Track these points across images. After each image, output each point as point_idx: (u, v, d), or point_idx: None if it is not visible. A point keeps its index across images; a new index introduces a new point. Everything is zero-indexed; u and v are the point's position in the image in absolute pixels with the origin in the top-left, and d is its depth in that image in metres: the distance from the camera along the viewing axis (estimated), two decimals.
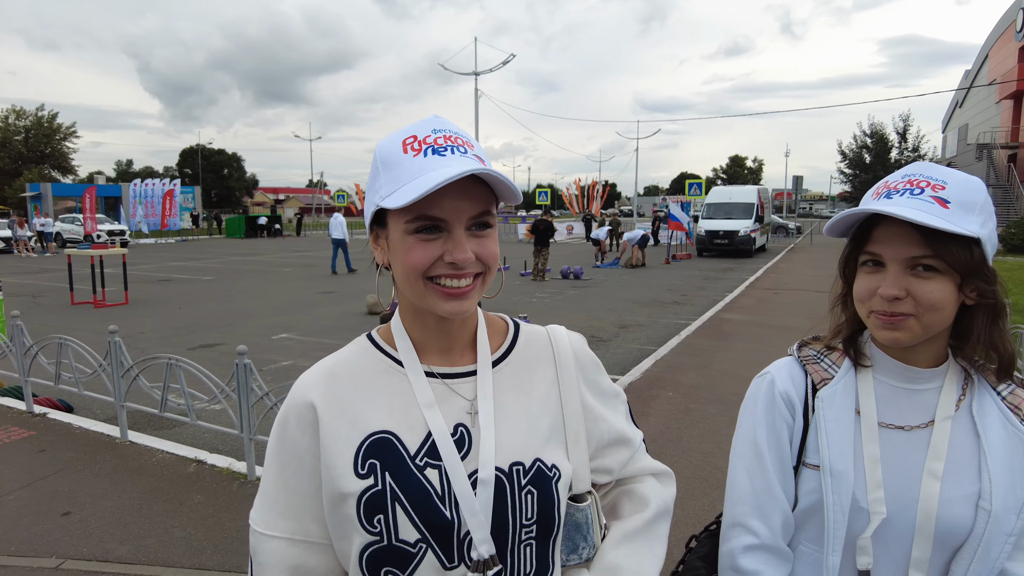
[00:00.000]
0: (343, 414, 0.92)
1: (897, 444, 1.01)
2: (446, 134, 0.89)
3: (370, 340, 1.00)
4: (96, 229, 26.95)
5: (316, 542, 0.93)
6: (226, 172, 75.95)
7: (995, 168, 40.35)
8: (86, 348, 5.15)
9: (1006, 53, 41.99)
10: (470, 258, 0.87)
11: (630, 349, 8.33)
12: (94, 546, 3.39)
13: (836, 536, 1.02)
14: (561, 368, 1.02)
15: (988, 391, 1.02)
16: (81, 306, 11.84)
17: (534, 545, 0.93)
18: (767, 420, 1.11)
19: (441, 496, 0.88)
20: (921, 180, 0.97)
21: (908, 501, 0.98)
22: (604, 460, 1.05)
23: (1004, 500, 0.95)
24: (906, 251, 0.96)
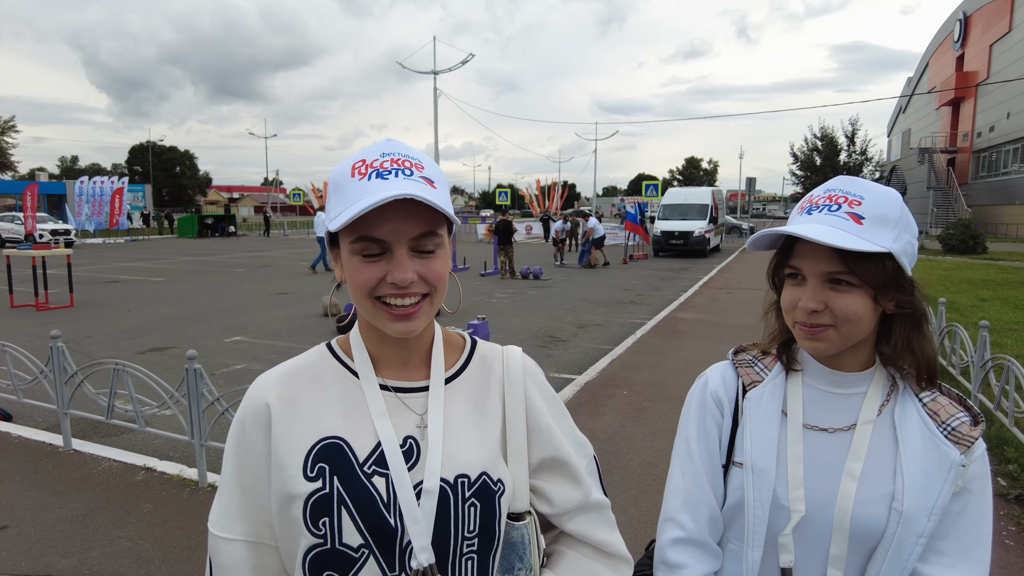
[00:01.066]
0: (297, 416, 0.94)
1: (820, 445, 1.06)
2: (393, 157, 0.91)
3: (329, 349, 1.03)
4: (37, 228, 25.85)
5: (271, 545, 0.95)
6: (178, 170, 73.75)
7: (935, 171, 42.08)
8: (25, 353, 4.97)
9: (944, 62, 43.92)
10: (410, 278, 0.88)
11: (587, 348, 8.43)
12: (33, 560, 3.27)
13: (756, 532, 1.06)
14: (509, 385, 1.04)
15: (911, 397, 1.06)
16: (21, 309, 11.35)
17: (475, 559, 0.95)
18: (698, 419, 1.17)
19: (387, 504, 0.90)
20: (839, 196, 1.01)
21: (827, 500, 1.02)
22: (545, 484, 1.04)
23: (916, 502, 0.98)
24: (822, 267, 1.00)
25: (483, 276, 17.57)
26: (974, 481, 1.02)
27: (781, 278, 1.09)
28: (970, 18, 40.71)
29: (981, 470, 1.03)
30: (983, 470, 1.03)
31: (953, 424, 1.03)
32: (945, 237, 26.25)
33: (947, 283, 15.20)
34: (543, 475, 1.04)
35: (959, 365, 6.19)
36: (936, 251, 26.27)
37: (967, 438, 1.01)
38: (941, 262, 21.41)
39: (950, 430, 1.02)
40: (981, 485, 1.03)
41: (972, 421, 1.03)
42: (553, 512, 1.05)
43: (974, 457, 1.02)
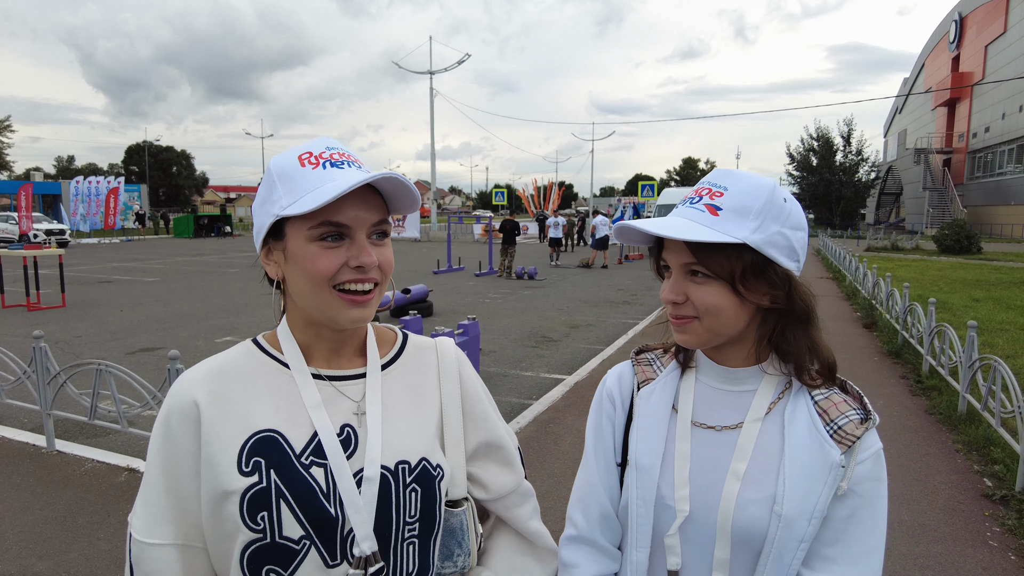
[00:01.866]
0: (228, 411, 0.92)
1: (708, 443, 1.03)
2: (339, 151, 0.94)
3: (256, 345, 1.01)
4: (32, 228, 25.78)
5: (199, 547, 0.93)
6: (175, 170, 73.60)
7: (931, 172, 42.19)
8: (8, 354, 4.94)
9: (940, 63, 44.01)
10: (374, 262, 0.91)
11: (579, 349, 8.42)
12: (10, 563, 3.24)
13: (641, 532, 1.03)
14: (444, 375, 1.07)
15: (804, 395, 1.01)
16: (13, 309, 11.30)
17: (416, 544, 0.95)
18: (595, 418, 1.16)
19: (326, 494, 0.89)
20: (705, 188, 1.00)
21: (711, 501, 0.99)
22: (480, 471, 1.07)
23: (798, 505, 0.94)
24: (680, 258, 0.99)
25: (478, 276, 17.55)
26: (862, 484, 0.97)
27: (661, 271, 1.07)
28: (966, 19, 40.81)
29: (872, 472, 0.97)
30: (875, 472, 0.98)
31: (840, 423, 0.97)
32: (940, 237, 26.30)
33: (941, 283, 15.22)
34: (479, 461, 1.07)
35: (948, 365, 6.18)
36: (931, 251, 26.32)
37: (850, 437, 0.96)
38: (936, 262, 21.44)
39: (836, 429, 0.97)
40: (872, 488, 0.98)
41: (861, 419, 0.98)
42: (488, 497, 1.07)
43: (860, 458, 0.96)
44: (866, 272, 12.22)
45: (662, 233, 0.96)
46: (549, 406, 5.91)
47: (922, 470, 4.44)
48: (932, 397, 6.05)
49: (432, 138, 39.24)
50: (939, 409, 5.67)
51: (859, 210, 53.86)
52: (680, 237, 0.95)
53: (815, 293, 1.06)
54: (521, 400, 6.16)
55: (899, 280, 10.83)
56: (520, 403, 6.06)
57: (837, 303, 12.40)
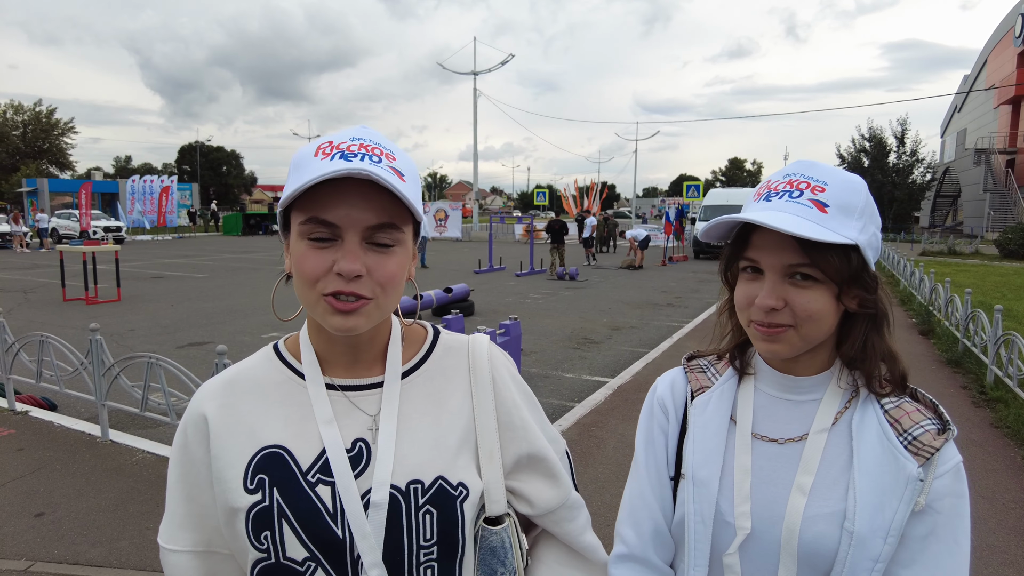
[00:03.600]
0: (237, 425, 0.89)
1: (770, 456, 0.96)
2: (363, 142, 0.85)
3: (275, 351, 0.97)
4: (91, 225, 26.88)
5: (223, 552, 0.91)
6: (225, 169, 75.78)
7: (992, 173, 40.40)
8: (67, 346, 5.10)
9: (1005, 58, 42.05)
10: (357, 270, 0.80)
11: (621, 351, 8.29)
12: (65, 548, 3.34)
13: (698, 550, 0.96)
14: (476, 380, 0.97)
15: (872, 404, 0.94)
16: (72, 303, 11.77)
17: (436, 568, 0.88)
18: (645, 428, 1.09)
19: (332, 514, 0.84)
20: (801, 181, 0.91)
21: (774, 517, 0.92)
22: (522, 484, 0.98)
23: (870, 521, 0.87)
24: (783, 259, 0.90)
25: (519, 276, 17.52)
26: (942, 500, 0.88)
27: (735, 273, 0.98)
28: None
29: (952, 487, 0.89)
30: (955, 487, 0.89)
31: (915, 433, 0.89)
32: (1002, 241, 25.16)
33: (1004, 289, 14.52)
34: (520, 474, 0.97)
35: (1016, 376, 5.86)
36: (992, 256, 25.16)
37: (927, 448, 0.88)
38: (998, 267, 20.48)
39: (911, 439, 0.89)
40: (952, 505, 0.89)
41: (938, 429, 0.90)
42: (535, 513, 0.99)
43: (939, 472, 0.88)
44: (922, 277, 11.72)
45: (781, 227, 0.85)
46: (592, 409, 5.82)
47: (989, 487, 4.20)
48: (998, 409, 5.73)
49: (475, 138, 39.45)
50: (1006, 422, 5.37)
51: (913, 213, 51.90)
52: (804, 234, 0.84)
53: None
54: (563, 402, 6.09)
55: (958, 286, 10.34)
56: (562, 405, 5.99)
57: (891, 308, 11.91)
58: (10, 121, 55.31)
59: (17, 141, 55.39)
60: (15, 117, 55.74)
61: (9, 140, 54.63)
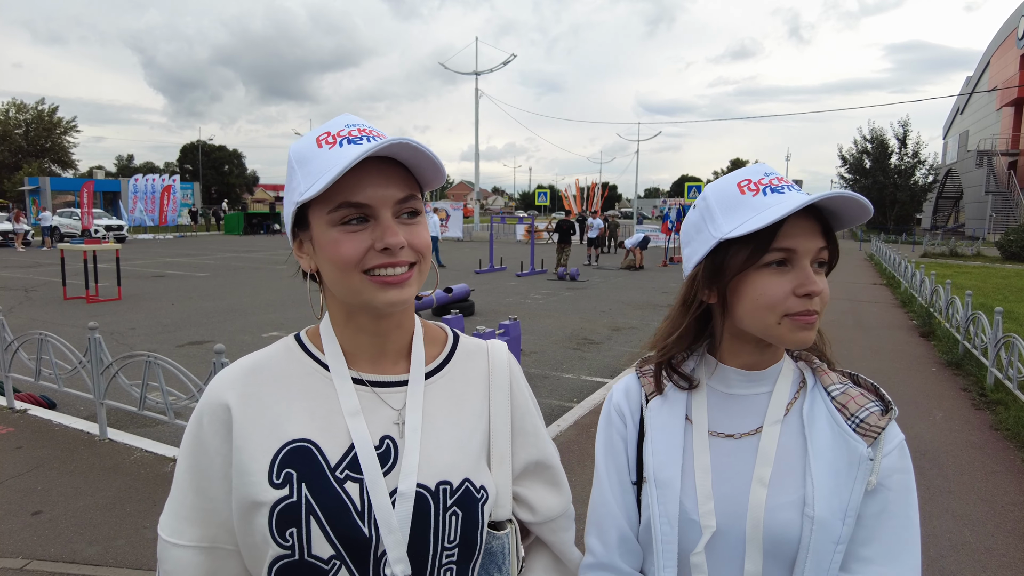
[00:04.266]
0: (261, 417, 0.87)
1: (727, 452, 0.98)
2: (360, 127, 0.86)
3: (297, 341, 0.96)
4: (93, 224, 26.90)
5: (229, 548, 0.89)
6: (226, 168, 75.82)
7: (995, 175, 40.31)
8: (66, 344, 5.11)
9: (1007, 60, 41.96)
10: (402, 242, 0.83)
11: (621, 352, 8.28)
12: (62, 547, 3.34)
13: (666, 551, 0.97)
14: (494, 384, 0.99)
15: (819, 392, 0.97)
16: (73, 301, 11.78)
17: (455, 570, 0.89)
18: (604, 436, 1.09)
19: (360, 512, 0.84)
20: (782, 178, 0.97)
21: (738, 511, 0.93)
22: (528, 491, 1.00)
23: (828, 505, 0.89)
24: (816, 243, 0.92)
25: (519, 276, 17.51)
26: (891, 476, 0.92)
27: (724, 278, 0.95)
28: None
29: (899, 463, 0.93)
30: (901, 463, 0.93)
31: (862, 416, 0.93)
32: (1004, 243, 25.10)
33: (1005, 292, 14.48)
34: (526, 480, 0.99)
35: (1016, 379, 5.85)
36: (994, 258, 25.11)
37: (874, 429, 0.91)
38: (999, 269, 20.45)
39: (858, 422, 0.92)
40: (901, 481, 0.93)
41: (882, 411, 0.93)
42: (535, 520, 1.00)
43: (887, 449, 0.92)
44: (923, 279, 11.69)
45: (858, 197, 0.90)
46: (591, 410, 5.81)
47: (988, 489, 4.18)
48: (998, 412, 5.72)
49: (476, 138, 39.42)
50: (1006, 424, 5.36)
51: (915, 215, 51.82)
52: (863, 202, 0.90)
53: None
54: (562, 403, 6.08)
55: (959, 287, 10.31)
56: (561, 405, 5.98)
57: (891, 310, 11.92)
58: (12, 120, 55.39)
59: (19, 140, 55.44)
60: (18, 116, 55.81)
61: (11, 139, 54.69)
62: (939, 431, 5.28)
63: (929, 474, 4.39)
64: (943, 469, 4.50)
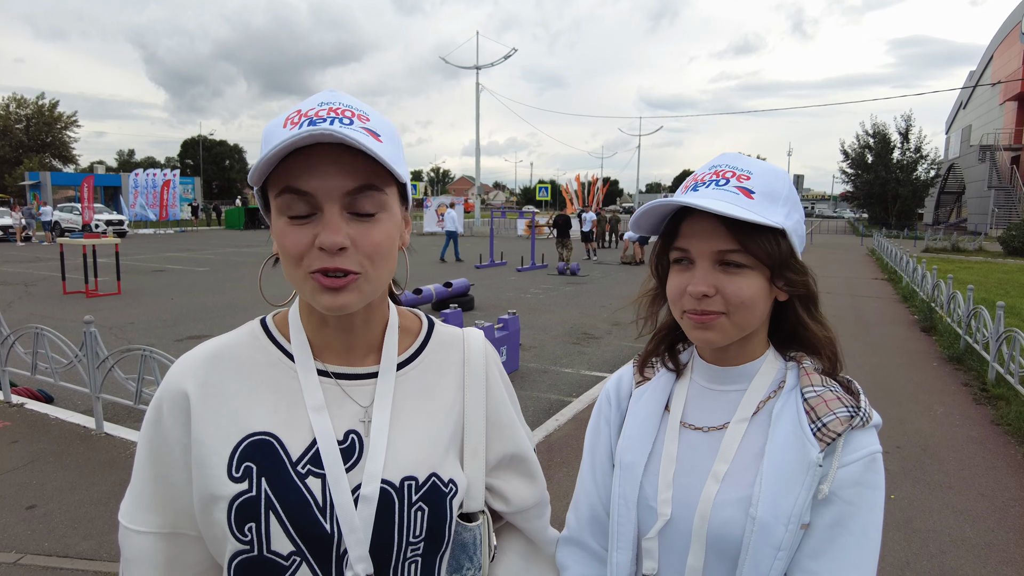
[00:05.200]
0: (221, 407, 0.84)
1: (694, 445, 0.97)
2: (332, 106, 0.80)
3: (263, 327, 0.92)
4: (93, 219, 26.88)
5: (191, 534, 0.86)
6: (227, 163, 75.74)
7: (997, 170, 40.19)
8: (61, 338, 5.08)
9: (1011, 55, 41.76)
10: (340, 242, 0.75)
11: (621, 346, 8.26)
12: (56, 541, 3.32)
13: (621, 532, 0.98)
14: (469, 375, 0.96)
15: (795, 392, 0.93)
16: (73, 295, 11.76)
17: (420, 563, 0.87)
18: (593, 420, 1.13)
19: (322, 508, 0.81)
20: (727, 170, 0.93)
21: (692, 503, 0.93)
22: (502, 483, 0.98)
23: (773, 507, 0.86)
24: (713, 245, 0.90)
25: (520, 271, 17.48)
26: (848, 489, 0.86)
27: (666, 266, 0.99)
28: None
29: (862, 476, 0.86)
30: (865, 477, 0.86)
31: (826, 420, 0.88)
32: (1006, 239, 25.05)
33: (1007, 287, 14.44)
34: (500, 473, 0.98)
35: (1017, 373, 5.82)
36: (996, 253, 25.05)
37: (830, 434, 0.86)
38: (1001, 265, 20.39)
39: (820, 426, 0.88)
40: (862, 495, 0.86)
41: (849, 416, 0.87)
42: (509, 511, 1.00)
43: (846, 459, 0.86)
44: (925, 274, 11.65)
45: (714, 207, 0.85)
46: (589, 404, 5.79)
47: (988, 485, 4.16)
48: (999, 407, 5.69)
49: (477, 133, 39.27)
50: (1007, 420, 5.32)
51: (917, 210, 51.64)
52: (737, 214, 0.85)
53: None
54: (561, 397, 6.06)
55: (961, 282, 10.27)
56: (560, 400, 5.96)
57: (893, 305, 11.87)
58: (13, 115, 55.33)
59: (20, 135, 55.40)
60: (18, 111, 55.75)
61: (12, 133, 54.65)
62: (940, 426, 5.25)
63: (929, 469, 4.37)
64: (943, 464, 4.47)
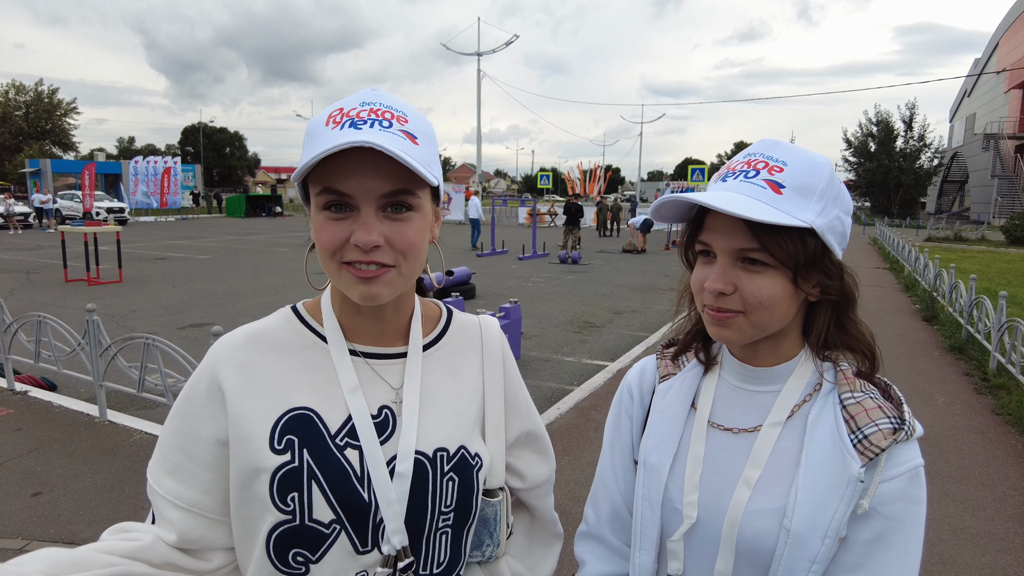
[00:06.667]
0: (261, 385, 0.88)
1: (724, 446, 0.94)
2: (373, 107, 0.83)
3: (295, 313, 0.96)
4: (94, 206, 26.82)
5: (201, 514, 0.87)
6: (228, 151, 75.49)
7: (1001, 159, 40.00)
8: (64, 326, 5.09)
9: (1016, 42, 41.41)
10: (374, 241, 0.80)
11: (622, 335, 8.27)
12: (61, 528, 3.35)
13: (645, 533, 0.97)
14: (488, 359, 1.02)
15: (832, 398, 0.89)
16: (74, 283, 11.77)
17: (449, 534, 0.92)
18: (614, 414, 1.11)
19: (360, 478, 0.85)
20: (759, 161, 0.88)
21: (720, 508, 0.90)
22: (519, 460, 1.04)
23: (810, 521, 0.83)
24: (733, 242, 0.85)
25: (521, 260, 17.46)
26: (890, 504, 0.83)
27: (695, 255, 0.95)
28: None
29: (905, 491, 0.83)
30: (908, 492, 0.83)
31: (867, 431, 0.83)
32: (1009, 228, 24.98)
33: (1009, 276, 14.42)
34: (518, 450, 1.03)
35: (1019, 363, 5.82)
36: (998, 242, 25.00)
37: (873, 448, 0.82)
38: (1003, 254, 20.35)
39: (861, 437, 0.83)
40: (905, 511, 0.83)
41: (893, 429, 0.83)
42: (524, 487, 1.04)
43: (889, 474, 0.83)
44: (927, 263, 11.63)
45: (724, 208, 0.81)
46: (591, 392, 5.81)
47: (989, 474, 4.17)
48: (1000, 396, 5.70)
49: (478, 120, 39.10)
50: (1008, 409, 5.34)
51: (919, 199, 51.47)
52: (747, 215, 0.80)
53: (867, 283, 0.93)
54: (562, 386, 6.07)
55: (963, 272, 10.27)
56: (561, 388, 5.98)
57: (894, 295, 11.86)
58: (12, 101, 55.10)
59: (20, 121, 55.22)
60: (17, 97, 55.52)
61: (12, 121, 54.46)
62: (941, 416, 5.26)
63: (930, 458, 4.38)
64: (944, 453, 4.48)
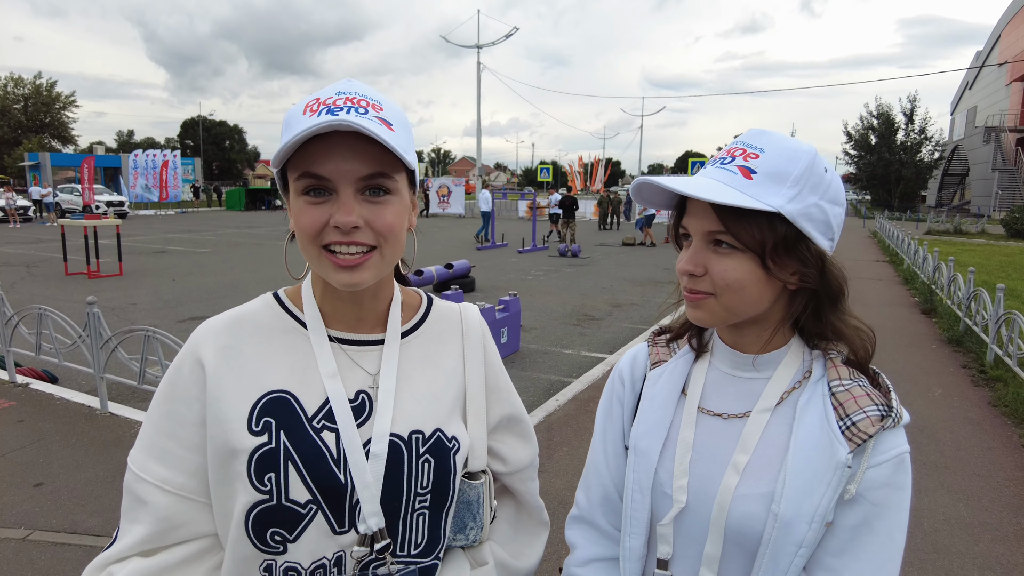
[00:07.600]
0: (241, 368, 0.90)
1: (713, 432, 0.96)
2: (348, 95, 0.85)
3: (276, 299, 0.98)
4: (94, 200, 26.80)
5: (188, 497, 0.88)
6: (227, 144, 75.37)
7: (1002, 152, 39.91)
8: (65, 319, 5.11)
9: (1018, 35, 41.23)
10: (354, 222, 0.82)
11: (621, 328, 8.29)
12: (63, 518, 3.38)
13: (635, 517, 0.99)
14: (468, 345, 1.03)
15: (822, 385, 0.91)
16: (75, 277, 11.79)
17: (427, 515, 0.93)
18: (605, 400, 1.12)
19: (336, 460, 0.87)
20: (739, 148, 0.89)
21: (709, 492, 0.92)
22: (500, 444, 1.05)
23: (797, 506, 0.85)
24: (703, 225, 0.89)
25: (521, 253, 17.47)
26: (876, 490, 0.85)
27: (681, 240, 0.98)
28: None
29: (891, 478, 0.85)
30: (894, 478, 0.85)
31: (855, 418, 0.86)
32: (1009, 221, 24.95)
33: (1008, 269, 14.43)
34: (499, 434, 1.05)
35: (1016, 356, 5.84)
36: (999, 236, 24.98)
37: (861, 434, 0.84)
38: (1003, 247, 20.35)
39: (849, 424, 0.86)
40: (889, 497, 0.85)
41: (880, 416, 0.85)
42: (507, 471, 1.06)
43: (875, 460, 0.85)
44: (926, 256, 11.65)
45: (685, 191, 0.85)
46: (589, 384, 5.83)
47: (984, 465, 4.20)
48: (996, 388, 5.72)
49: (478, 113, 39.00)
50: (1004, 401, 5.36)
51: (920, 192, 51.38)
52: (705, 197, 0.83)
53: (855, 276, 0.94)
54: (561, 378, 6.10)
55: (962, 265, 10.28)
56: (560, 381, 6.00)
57: (894, 287, 11.88)
58: (11, 95, 54.95)
59: (19, 115, 55.10)
60: (16, 91, 55.37)
61: (11, 114, 54.34)
62: (937, 407, 5.29)
63: (926, 449, 4.41)
64: (940, 444, 4.51)
